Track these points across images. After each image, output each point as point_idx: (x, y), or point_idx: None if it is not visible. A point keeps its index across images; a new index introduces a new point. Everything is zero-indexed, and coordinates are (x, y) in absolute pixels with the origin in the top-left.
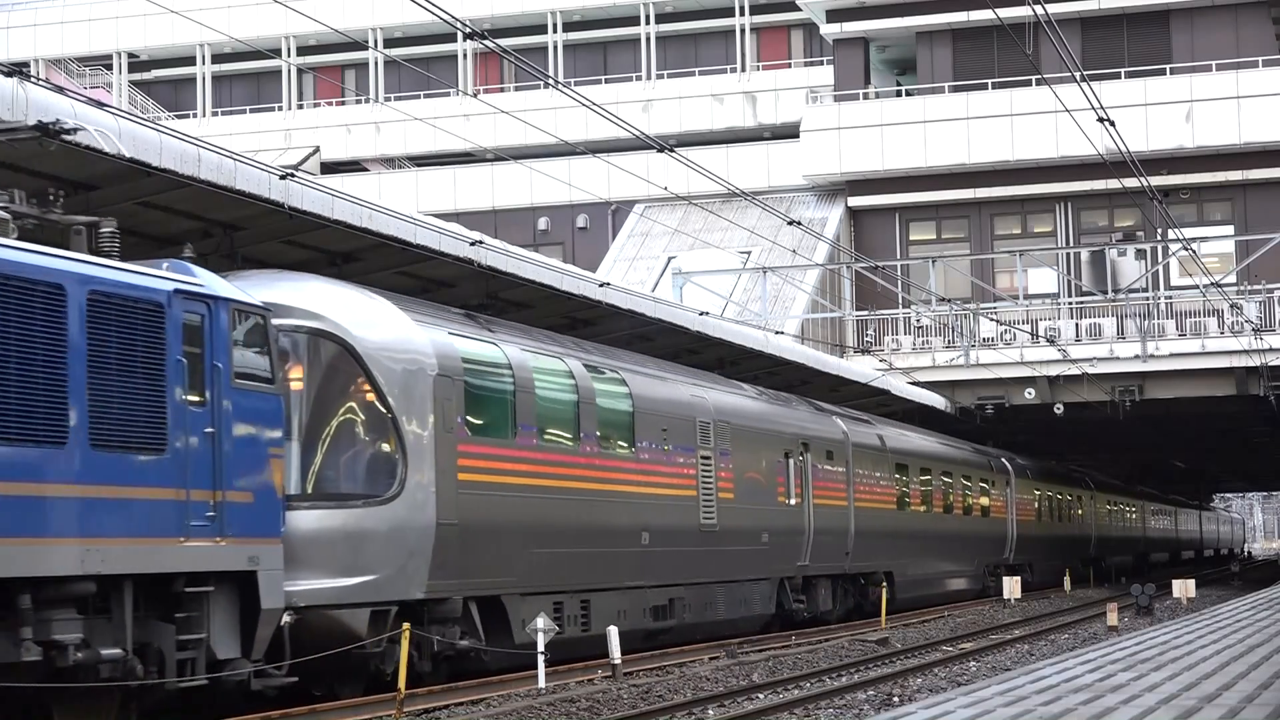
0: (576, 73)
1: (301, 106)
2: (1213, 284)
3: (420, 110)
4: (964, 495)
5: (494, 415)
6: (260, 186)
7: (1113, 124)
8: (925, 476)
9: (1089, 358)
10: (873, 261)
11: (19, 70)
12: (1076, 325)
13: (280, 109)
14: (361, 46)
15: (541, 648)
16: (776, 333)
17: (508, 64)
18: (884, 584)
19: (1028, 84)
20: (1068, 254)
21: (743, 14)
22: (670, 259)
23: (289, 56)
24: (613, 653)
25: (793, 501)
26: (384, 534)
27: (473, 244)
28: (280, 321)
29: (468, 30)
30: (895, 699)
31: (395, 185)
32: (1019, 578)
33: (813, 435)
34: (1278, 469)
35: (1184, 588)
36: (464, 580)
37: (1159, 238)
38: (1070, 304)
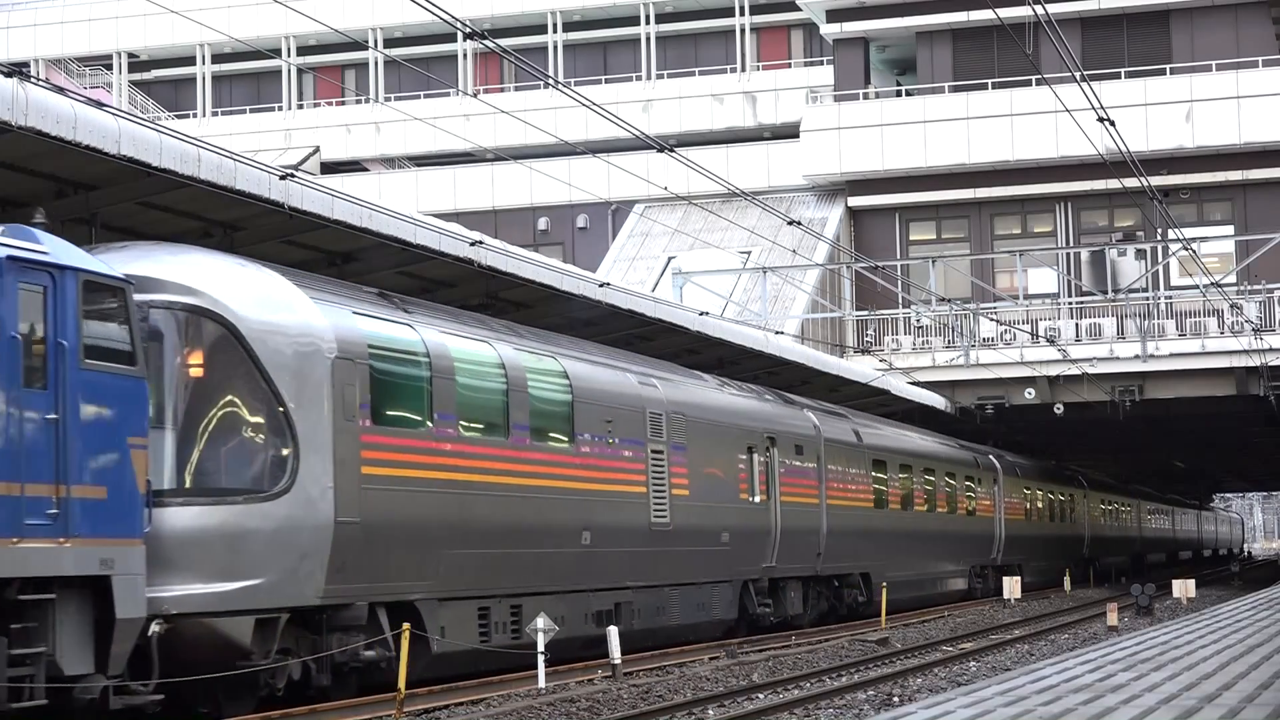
0: (576, 73)
1: (301, 106)
2: (1213, 284)
3: (420, 110)
4: (948, 494)
5: (406, 403)
6: (260, 186)
7: (1113, 124)
8: (905, 474)
9: (1089, 358)
10: (873, 261)
11: (19, 70)
12: (1076, 325)
13: (280, 109)
14: (361, 46)
15: (541, 647)
16: (776, 333)
17: (508, 64)
18: (884, 584)
19: (1028, 84)
20: (1068, 254)
21: (743, 14)
22: (670, 259)
23: (289, 56)
24: (613, 653)
25: (757, 499)
26: (270, 533)
27: (473, 244)
28: (150, 297)
29: (468, 30)
30: (895, 699)
31: (395, 185)
32: (1018, 578)
33: (780, 429)
34: (1278, 469)
35: (1184, 588)
36: (370, 584)
37: (1159, 238)
38: (1070, 304)
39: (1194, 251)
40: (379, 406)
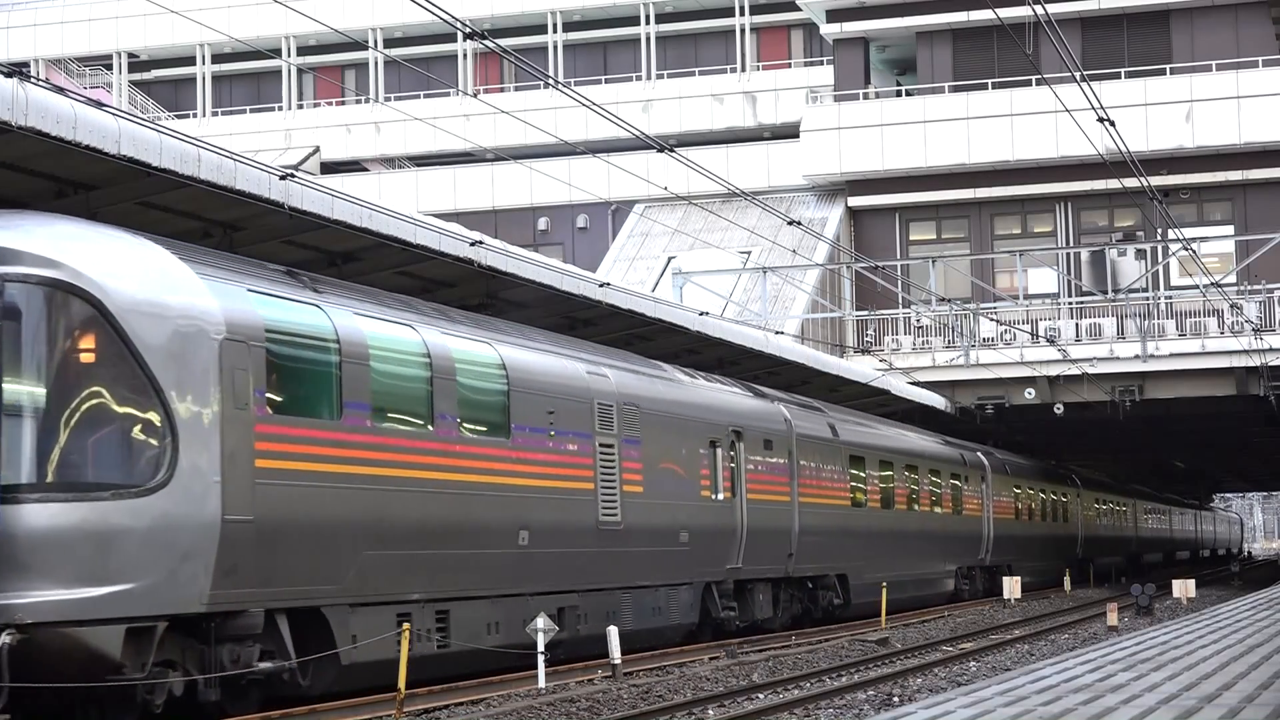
0: (576, 73)
1: (301, 106)
2: (1213, 284)
3: (420, 110)
4: (932, 492)
5: (311, 391)
6: (260, 186)
7: (1113, 124)
8: (886, 471)
9: (1089, 358)
10: (873, 261)
11: (19, 70)
12: (1076, 325)
13: (280, 109)
14: (361, 46)
15: (541, 647)
16: (776, 333)
17: (508, 64)
18: (884, 585)
19: (1028, 84)
20: (1068, 254)
21: (743, 14)
22: (670, 259)
23: (289, 56)
24: (612, 653)
25: (720, 496)
26: (143, 532)
27: (473, 244)
28: (7, 270)
29: (468, 30)
30: (895, 699)
31: (395, 185)
32: (1019, 578)
33: (747, 423)
34: (1278, 469)
35: (1184, 588)
36: (266, 589)
37: (1159, 238)
38: (1070, 304)
39: (1194, 251)
40: (278, 394)
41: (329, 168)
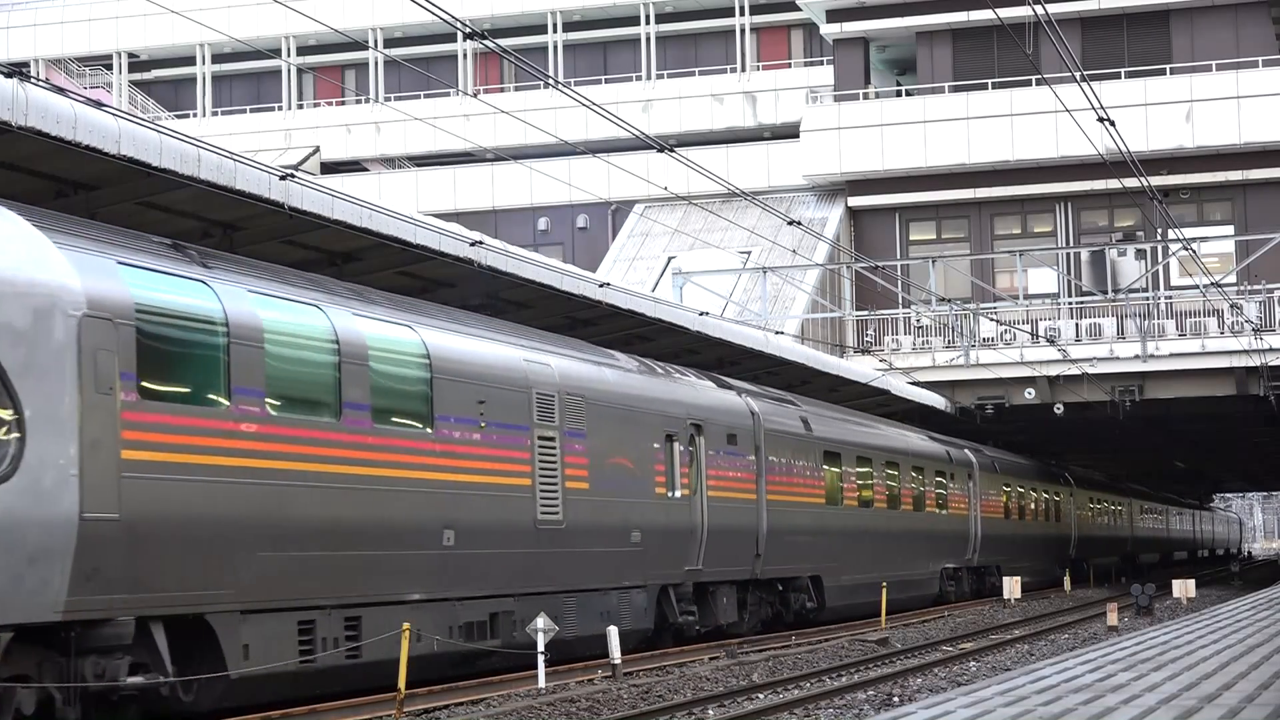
0: (576, 73)
1: (301, 106)
2: (1213, 284)
3: (420, 110)
4: (915, 490)
5: (192, 376)
6: (260, 186)
7: (1113, 124)
8: (864, 468)
9: (1089, 358)
10: (873, 261)
11: (19, 70)
12: (1076, 325)
13: (280, 109)
14: (361, 46)
15: (541, 648)
16: (776, 333)
17: (508, 64)
18: (884, 585)
19: (1028, 84)
20: (1068, 254)
21: (743, 14)
22: (670, 259)
23: (289, 56)
24: (612, 653)
25: (678, 494)
26: None
27: (473, 244)
28: None
29: (468, 30)
30: (895, 699)
31: (395, 185)
32: (1019, 578)
33: (708, 416)
34: (1278, 469)
35: (1184, 588)
36: (137, 594)
37: (1159, 238)
38: (1070, 304)
39: (1194, 251)
40: (150, 379)
41: (329, 168)
